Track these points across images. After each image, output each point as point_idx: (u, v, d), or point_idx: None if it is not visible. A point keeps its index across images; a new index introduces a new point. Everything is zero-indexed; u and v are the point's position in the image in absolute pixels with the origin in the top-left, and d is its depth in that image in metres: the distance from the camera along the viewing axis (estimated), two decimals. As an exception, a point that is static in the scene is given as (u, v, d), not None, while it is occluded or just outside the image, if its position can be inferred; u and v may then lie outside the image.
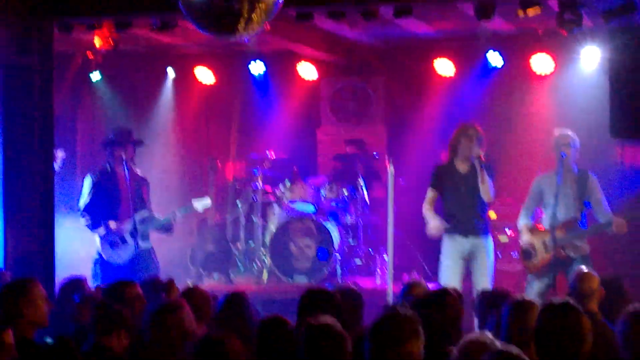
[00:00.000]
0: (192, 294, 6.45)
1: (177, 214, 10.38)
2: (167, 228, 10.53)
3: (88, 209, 10.25)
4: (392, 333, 4.55)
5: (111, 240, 10.21)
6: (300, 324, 5.38)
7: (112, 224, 10.16)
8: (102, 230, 10.20)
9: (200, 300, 6.32)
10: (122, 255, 10.16)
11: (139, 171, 10.51)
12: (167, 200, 11.53)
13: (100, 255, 10.29)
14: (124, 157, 10.10)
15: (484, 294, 6.57)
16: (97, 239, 10.27)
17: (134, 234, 10.02)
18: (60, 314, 6.76)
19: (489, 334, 4.65)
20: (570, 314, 4.92)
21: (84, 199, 10.32)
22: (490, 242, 9.46)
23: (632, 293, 6.90)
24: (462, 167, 9.41)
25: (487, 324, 6.04)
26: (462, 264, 9.36)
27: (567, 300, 5.07)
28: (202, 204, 10.60)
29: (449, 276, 9.18)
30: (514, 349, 4.04)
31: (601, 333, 5.99)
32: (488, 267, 9.33)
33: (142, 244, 10.11)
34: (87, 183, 10.37)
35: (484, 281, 9.23)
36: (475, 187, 9.28)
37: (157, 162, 12.25)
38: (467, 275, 9.45)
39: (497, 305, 5.82)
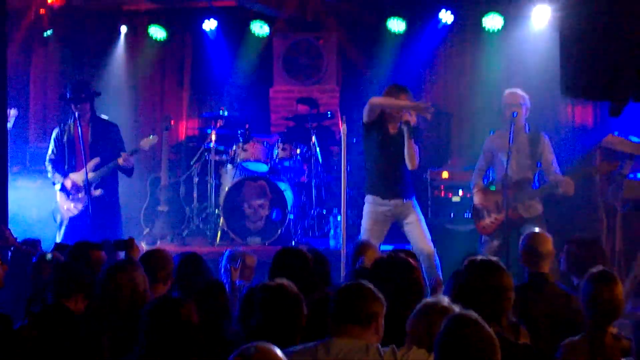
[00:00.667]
0: (153, 255, 6.44)
1: (124, 154, 10.33)
2: (123, 171, 10.53)
3: (51, 162, 10.33)
4: (357, 294, 4.65)
5: (67, 192, 10.25)
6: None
7: (67, 182, 10.20)
8: (58, 185, 10.25)
9: (161, 262, 6.30)
10: (77, 206, 10.23)
11: (104, 116, 10.50)
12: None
13: (57, 205, 10.39)
14: (76, 112, 10.10)
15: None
16: (57, 191, 10.33)
17: (86, 183, 10.05)
18: (15, 276, 6.76)
19: (446, 298, 4.68)
20: (492, 273, 5.01)
21: (49, 152, 10.39)
22: (415, 203, 9.07)
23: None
24: (391, 127, 9.00)
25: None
26: (383, 228, 9.02)
27: (490, 259, 5.15)
28: (148, 142, 10.56)
29: (369, 239, 8.50)
30: (472, 313, 4.07)
31: (551, 294, 6.09)
32: (422, 227, 8.97)
33: (95, 192, 10.16)
34: (53, 135, 10.44)
35: (422, 241, 8.92)
36: (402, 151, 8.91)
37: (111, 119, 12.16)
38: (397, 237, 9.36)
39: None
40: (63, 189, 10.28)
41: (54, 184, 10.37)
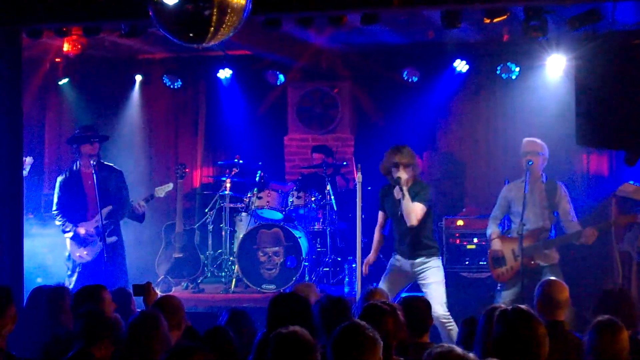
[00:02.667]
0: (166, 301, 6.42)
1: (140, 202, 10.48)
2: (135, 217, 10.65)
3: (60, 210, 10.35)
4: (353, 342, 4.61)
5: (79, 240, 10.29)
6: (269, 331, 5.37)
7: (81, 230, 10.24)
8: (71, 233, 10.28)
9: (173, 309, 6.29)
10: (90, 253, 10.35)
11: (108, 163, 10.58)
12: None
13: (69, 252, 10.46)
14: (89, 153, 10.20)
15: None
16: (67, 239, 10.36)
17: (99, 231, 10.08)
18: (30, 321, 6.77)
19: (457, 347, 4.63)
20: (525, 321, 4.94)
21: (55, 199, 10.41)
22: (435, 261, 9.00)
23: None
24: (396, 191, 9.01)
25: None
26: (400, 281, 9.08)
27: (520, 307, 5.08)
28: (163, 189, 10.73)
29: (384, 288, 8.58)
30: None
31: (566, 342, 6.03)
32: (436, 288, 8.90)
33: (109, 239, 10.23)
34: (57, 183, 10.49)
35: (434, 302, 9.01)
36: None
37: (125, 166, 12.20)
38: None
39: None
40: (75, 237, 10.32)
41: (64, 232, 10.41)
